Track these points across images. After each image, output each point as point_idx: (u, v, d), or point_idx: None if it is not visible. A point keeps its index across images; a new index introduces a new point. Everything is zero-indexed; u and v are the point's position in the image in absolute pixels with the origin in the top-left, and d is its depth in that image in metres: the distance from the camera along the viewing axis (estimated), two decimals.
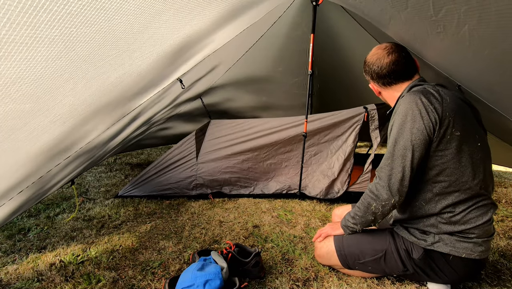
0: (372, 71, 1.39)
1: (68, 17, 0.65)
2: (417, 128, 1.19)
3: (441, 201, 1.26)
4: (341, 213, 1.77)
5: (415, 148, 1.19)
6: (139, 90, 1.39)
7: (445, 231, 1.26)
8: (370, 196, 1.30)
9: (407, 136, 1.20)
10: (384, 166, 1.27)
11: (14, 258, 1.71)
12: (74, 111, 0.98)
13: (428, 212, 1.29)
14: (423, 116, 1.18)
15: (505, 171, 3.76)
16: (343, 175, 2.61)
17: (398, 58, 1.33)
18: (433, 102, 1.19)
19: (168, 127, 3.58)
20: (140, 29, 0.87)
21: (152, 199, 2.62)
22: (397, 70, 1.33)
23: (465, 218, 1.23)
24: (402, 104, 1.25)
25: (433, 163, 1.23)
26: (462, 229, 1.23)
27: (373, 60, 1.38)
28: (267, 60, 3.06)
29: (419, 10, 1.21)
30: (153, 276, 1.52)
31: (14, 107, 0.69)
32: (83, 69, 0.82)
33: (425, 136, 1.19)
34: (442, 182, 1.24)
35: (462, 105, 1.25)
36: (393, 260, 1.35)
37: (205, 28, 1.29)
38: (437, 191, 1.25)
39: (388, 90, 1.40)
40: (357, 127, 2.52)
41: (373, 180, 1.33)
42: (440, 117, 1.18)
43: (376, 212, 1.30)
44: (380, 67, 1.35)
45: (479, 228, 1.23)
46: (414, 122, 1.19)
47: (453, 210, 1.24)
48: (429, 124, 1.18)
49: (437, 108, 1.18)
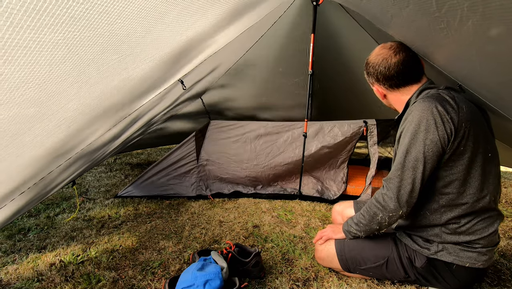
0: (377, 72, 1.29)
1: (71, 21, 0.65)
2: (431, 140, 1.12)
3: (447, 212, 1.21)
4: (341, 210, 1.72)
5: (427, 160, 1.13)
6: (141, 93, 1.39)
7: (449, 241, 1.22)
8: (377, 206, 1.25)
9: (419, 148, 1.13)
10: (393, 176, 1.20)
11: (14, 258, 1.72)
12: (78, 115, 0.98)
13: (433, 222, 1.24)
14: (438, 127, 1.10)
15: (505, 171, 3.77)
16: (338, 182, 2.67)
17: (406, 58, 1.25)
18: (450, 112, 1.11)
19: (168, 127, 3.58)
20: (143, 32, 0.87)
21: (152, 199, 2.63)
22: (406, 71, 1.25)
23: (471, 230, 1.19)
24: (415, 111, 1.16)
25: (442, 174, 1.18)
26: (468, 240, 1.20)
27: (378, 61, 1.28)
28: (268, 60, 3.06)
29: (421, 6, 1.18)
30: (153, 276, 1.52)
31: (18, 111, 0.69)
32: (87, 73, 0.82)
33: (439, 148, 1.12)
34: (450, 194, 1.19)
35: (476, 113, 1.18)
36: (395, 267, 1.32)
37: (207, 30, 1.29)
38: (444, 202, 1.21)
39: (395, 93, 1.32)
40: (354, 141, 2.57)
41: (380, 189, 1.28)
42: (456, 128, 1.10)
43: (382, 222, 1.25)
44: (388, 68, 1.26)
45: (484, 239, 1.19)
46: (428, 132, 1.12)
47: (459, 221, 1.20)
48: (444, 136, 1.11)
49: (453, 118, 1.10)
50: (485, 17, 0.99)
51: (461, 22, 1.10)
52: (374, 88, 1.40)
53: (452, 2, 1.02)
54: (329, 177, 2.72)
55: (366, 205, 1.31)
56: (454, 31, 1.20)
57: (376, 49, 1.34)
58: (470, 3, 0.97)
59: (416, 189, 1.17)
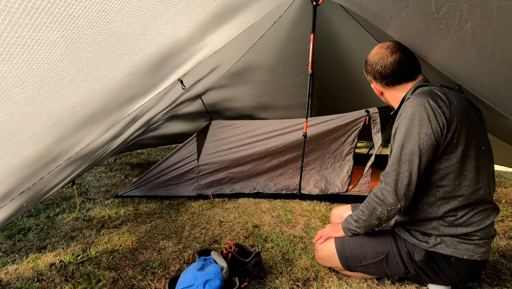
0: (375, 71, 1.35)
1: (70, 19, 0.65)
2: (425, 133, 1.16)
3: (444, 205, 1.24)
4: (340, 213, 1.75)
5: (422, 152, 1.17)
6: (140, 92, 1.39)
7: (447, 233, 1.25)
8: (376, 201, 1.28)
9: (414, 141, 1.17)
10: (390, 170, 1.24)
11: (14, 258, 1.72)
12: (77, 114, 0.98)
13: (430, 216, 1.27)
14: (431, 121, 1.15)
15: (505, 171, 3.77)
16: (343, 176, 2.63)
17: (402, 57, 1.30)
18: (441, 106, 1.16)
19: (168, 127, 3.58)
20: (141, 30, 0.87)
21: (152, 199, 2.63)
22: (401, 70, 1.31)
23: (467, 222, 1.22)
24: (408, 107, 1.21)
25: (437, 167, 1.21)
26: (465, 232, 1.23)
27: (376, 60, 1.34)
28: (268, 60, 3.06)
29: (420, 8, 1.20)
30: (153, 276, 1.52)
31: (16, 110, 0.69)
32: (85, 71, 0.81)
33: (433, 141, 1.16)
34: (446, 186, 1.22)
35: (468, 108, 1.23)
36: (395, 262, 1.34)
37: (206, 29, 1.29)
38: (440, 195, 1.24)
39: (391, 91, 1.37)
40: (357, 131, 2.54)
41: (378, 184, 1.30)
42: (448, 122, 1.15)
43: (381, 217, 1.28)
44: (384, 66, 1.32)
45: (481, 231, 1.22)
46: (422, 126, 1.16)
47: (456, 213, 1.23)
48: (437, 129, 1.15)
49: (445, 112, 1.16)
50: (484, 19, 0.99)
51: (460, 24, 1.10)
52: (372, 85, 1.46)
53: (451, 3, 1.02)
54: (334, 170, 2.68)
55: (365, 201, 1.34)
56: (453, 32, 1.20)
57: (375, 49, 1.39)
58: (469, 5, 0.97)
59: (413, 181, 1.20)
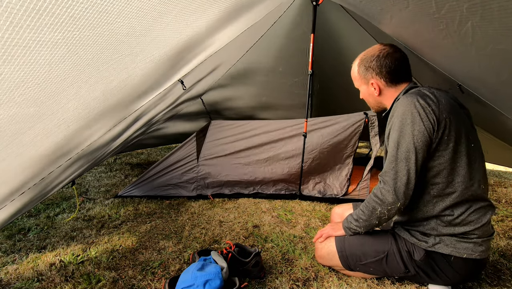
0: (383, 65, 1.32)
1: (71, 20, 0.65)
2: (418, 130, 1.19)
3: (439, 203, 1.26)
4: (341, 212, 1.75)
5: (418, 149, 1.19)
6: (141, 93, 1.39)
7: (445, 233, 1.26)
8: (375, 201, 1.29)
9: (409, 139, 1.20)
10: (388, 170, 1.25)
11: (14, 258, 1.72)
12: (78, 115, 0.98)
13: (426, 214, 1.29)
14: (422, 118, 1.18)
15: (505, 171, 3.77)
16: (342, 179, 2.63)
17: (404, 56, 1.33)
18: (430, 104, 1.20)
19: (168, 127, 3.58)
20: (142, 32, 0.87)
21: (152, 199, 2.63)
22: (405, 69, 1.33)
23: (465, 221, 1.24)
24: (399, 107, 1.24)
25: (430, 164, 1.23)
26: (463, 231, 1.24)
27: (383, 54, 1.32)
28: (268, 60, 3.06)
29: (421, 8, 1.20)
30: (153, 276, 1.52)
31: (18, 111, 0.69)
32: (87, 73, 0.82)
33: (426, 138, 1.19)
34: (440, 183, 1.24)
35: (455, 107, 1.26)
36: (395, 261, 1.35)
37: (207, 30, 1.29)
38: (435, 193, 1.26)
39: (391, 89, 1.37)
40: (357, 134, 2.53)
41: (377, 184, 1.31)
42: (438, 119, 1.18)
43: (381, 216, 1.29)
44: (393, 61, 1.31)
45: (479, 229, 1.24)
46: (414, 124, 1.19)
47: (452, 212, 1.24)
48: (429, 126, 1.18)
49: (434, 110, 1.19)
50: (485, 19, 0.99)
51: (461, 24, 1.11)
52: (368, 85, 1.41)
53: (452, 3, 1.02)
54: (333, 173, 2.68)
55: (365, 201, 1.35)
56: (453, 32, 1.20)
57: (375, 46, 1.38)
58: (469, 5, 0.97)
59: (412, 179, 1.22)
